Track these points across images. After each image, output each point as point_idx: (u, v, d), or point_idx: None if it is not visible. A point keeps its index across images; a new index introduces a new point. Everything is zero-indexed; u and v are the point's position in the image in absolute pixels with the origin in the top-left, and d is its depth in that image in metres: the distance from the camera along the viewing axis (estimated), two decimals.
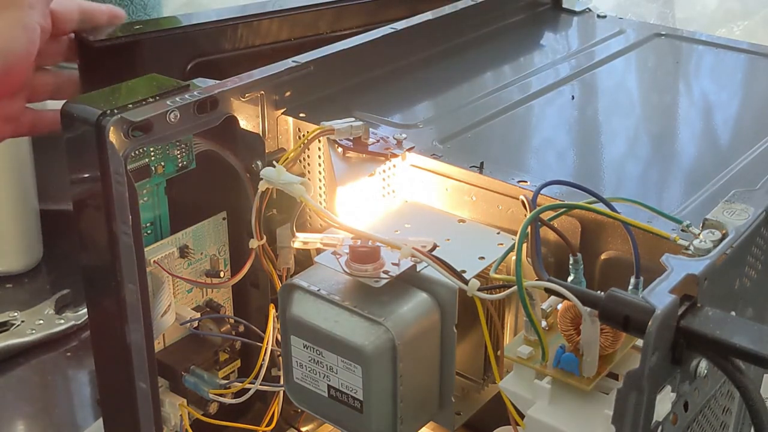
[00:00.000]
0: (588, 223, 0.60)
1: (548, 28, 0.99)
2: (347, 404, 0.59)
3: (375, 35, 0.82)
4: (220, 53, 0.83)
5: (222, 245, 0.72)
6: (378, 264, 0.58)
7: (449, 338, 0.59)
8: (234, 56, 0.83)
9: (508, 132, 0.76)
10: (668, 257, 0.49)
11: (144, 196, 0.66)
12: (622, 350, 0.54)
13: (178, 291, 0.69)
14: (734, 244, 0.51)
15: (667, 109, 0.83)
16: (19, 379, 0.95)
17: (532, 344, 0.54)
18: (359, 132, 0.67)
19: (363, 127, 0.67)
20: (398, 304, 0.58)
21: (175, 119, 0.62)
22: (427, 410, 0.61)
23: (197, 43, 0.82)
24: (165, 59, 0.80)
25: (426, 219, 0.66)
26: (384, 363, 0.57)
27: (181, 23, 0.82)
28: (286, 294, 0.60)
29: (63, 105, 0.62)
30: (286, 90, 0.72)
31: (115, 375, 0.66)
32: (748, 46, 0.94)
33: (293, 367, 0.61)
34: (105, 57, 0.77)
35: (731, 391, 0.58)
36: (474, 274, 0.58)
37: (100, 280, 0.63)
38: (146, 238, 0.66)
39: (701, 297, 0.48)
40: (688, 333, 0.46)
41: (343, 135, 0.66)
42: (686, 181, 0.68)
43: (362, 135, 0.68)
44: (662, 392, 0.47)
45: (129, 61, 0.78)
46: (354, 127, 0.67)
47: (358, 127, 0.67)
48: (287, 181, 0.60)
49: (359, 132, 0.67)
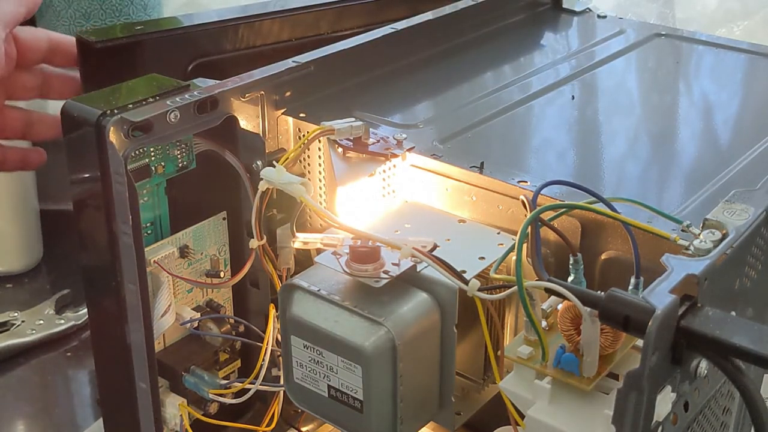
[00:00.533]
0: (588, 223, 0.60)
1: (548, 28, 0.99)
2: (347, 404, 0.59)
3: (375, 35, 0.82)
4: (221, 54, 0.83)
5: (222, 245, 0.72)
6: (378, 264, 0.58)
7: (449, 338, 0.59)
8: (235, 57, 0.83)
9: (508, 132, 0.76)
10: (668, 257, 0.49)
11: (144, 196, 0.66)
12: (621, 350, 0.54)
13: (178, 291, 0.69)
14: (734, 244, 0.51)
15: (667, 109, 0.83)
16: (19, 379, 0.95)
17: (532, 344, 0.54)
18: (359, 132, 0.67)
19: (363, 127, 0.67)
20: (398, 304, 0.58)
21: (175, 119, 0.62)
22: (427, 410, 0.61)
23: (198, 43, 0.82)
24: (166, 60, 0.80)
25: (426, 219, 0.66)
26: (384, 363, 0.57)
27: (182, 24, 0.82)
28: (287, 294, 0.60)
29: (63, 105, 0.62)
30: (287, 90, 0.72)
31: (115, 375, 0.66)
32: (748, 46, 0.94)
33: (293, 367, 0.61)
34: (106, 57, 0.77)
35: (731, 391, 0.58)
36: (474, 274, 0.58)
37: (101, 280, 0.63)
38: (146, 238, 0.66)
39: (701, 297, 0.48)
40: (689, 333, 0.46)
41: (343, 135, 0.66)
42: (686, 181, 0.68)
43: (362, 135, 0.68)
44: (662, 392, 0.47)
45: (130, 61, 0.79)
46: (354, 127, 0.67)
47: (358, 127, 0.67)
48: (287, 181, 0.60)
49: (359, 132, 0.67)
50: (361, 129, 0.67)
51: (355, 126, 0.67)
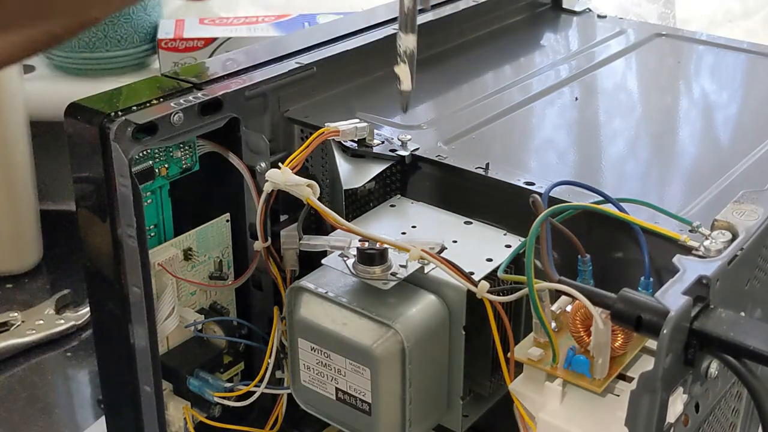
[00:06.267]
0: (597, 224, 0.60)
1: (549, 29, 0.99)
2: (355, 407, 0.58)
3: (377, 36, 0.82)
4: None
5: (225, 247, 0.71)
6: (386, 266, 0.58)
7: (457, 340, 0.59)
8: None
9: (512, 133, 0.76)
10: (680, 258, 0.49)
11: (148, 198, 0.66)
12: (632, 351, 0.53)
13: (181, 293, 0.69)
14: (745, 245, 0.51)
15: (668, 109, 0.83)
16: (19, 379, 0.95)
17: (542, 346, 0.54)
18: (364, 133, 0.67)
19: (368, 128, 0.67)
20: (406, 306, 0.58)
21: (179, 121, 0.62)
22: (435, 412, 0.61)
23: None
24: None
25: (432, 220, 0.66)
26: (392, 365, 0.57)
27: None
28: (294, 296, 0.60)
29: (66, 107, 0.61)
30: (290, 91, 0.72)
31: (119, 378, 0.66)
32: (749, 46, 0.94)
33: (300, 370, 0.61)
34: None
35: (740, 392, 0.58)
36: (482, 276, 0.58)
37: (104, 283, 0.63)
38: (150, 240, 0.66)
39: (713, 298, 0.48)
40: (702, 335, 0.46)
41: (348, 136, 0.66)
42: (689, 181, 0.68)
43: (367, 136, 0.68)
44: (674, 394, 0.47)
45: None
46: (359, 129, 0.66)
47: (362, 128, 0.67)
48: (294, 182, 0.59)
49: (364, 133, 0.67)
50: (366, 130, 0.67)
51: (359, 127, 0.67)
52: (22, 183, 1.08)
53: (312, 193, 0.59)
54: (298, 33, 0.95)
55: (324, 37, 0.79)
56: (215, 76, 0.68)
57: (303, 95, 0.73)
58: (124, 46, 1.18)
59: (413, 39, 0.67)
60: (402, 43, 0.67)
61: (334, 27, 0.83)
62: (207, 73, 0.69)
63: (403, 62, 0.67)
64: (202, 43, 1.16)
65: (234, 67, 0.70)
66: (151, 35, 1.20)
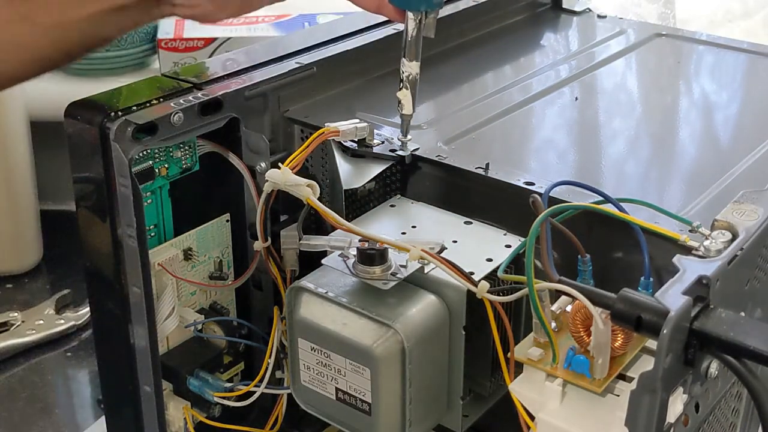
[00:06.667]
0: (597, 224, 0.60)
1: (548, 29, 0.99)
2: (355, 407, 0.58)
3: (377, 36, 0.82)
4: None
5: (225, 247, 0.71)
6: (386, 266, 0.58)
7: (457, 340, 0.59)
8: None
9: (512, 133, 0.76)
10: (680, 258, 0.49)
11: (148, 198, 0.66)
12: (632, 351, 0.53)
13: (181, 293, 0.69)
14: (745, 245, 0.51)
15: (668, 109, 0.83)
16: (19, 379, 0.95)
17: (542, 346, 0.54)
18: (364, 133, 0.67)
19: (368, 128, 0.67)
20: (406, 306, 0.58)
21: (179, 121, 0.62)
22: (435, 412, 0.61)
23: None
24: None
25: (432, 220, 0.66)
26: (393, 365, 0.57)
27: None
28: (294, 296, 0.60)
29: (66, 107, 0.61)
30: (290, 91, 0.72)
31: (119, 378, 0.66)
32: (749, 46, 0.94)
33: (300, 370, 0.61)
34: None
35: (740, 392, 0.58)
36: (482, 276, 0.58)
37: (104, 283, 0.63)
38: (150, 240, 0.66)
39: (713, 298, 0.48)
40: (702, 335, 0.46)
41: (348, 136, 0.66)
42: (688, 181, 0.68)
43: (367, 136, 0.68)
44: (674, 394, 0.47)
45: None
46: (359, 129, 0.66)
47: (362, 128, 0.67)
48: (294, 182, 0.59)
49: (364, 133, 0.67)
50: (366, 130, 0.67)
51: (359, 127, 0.67)
52: (22, 183, 1.08)
53: (312, 193, 0.59)
54: (298, 33, 0.95)
55: (324, 37, 0.79)
56: (215, 76, 0.68)
57: (303, 95, 0.73)
58: (124, 46, 1.18)
59: (416, 66, 0.69)
60: (405, 69, 0.69)
61: (334, 27, 0.83)
62: (207, 73, 0.69)
63: (406, 88, 0.69)
64: (202, 43, 1.16)
65: (234, 67, 0.71)
66: (151, 35, 1.20)
